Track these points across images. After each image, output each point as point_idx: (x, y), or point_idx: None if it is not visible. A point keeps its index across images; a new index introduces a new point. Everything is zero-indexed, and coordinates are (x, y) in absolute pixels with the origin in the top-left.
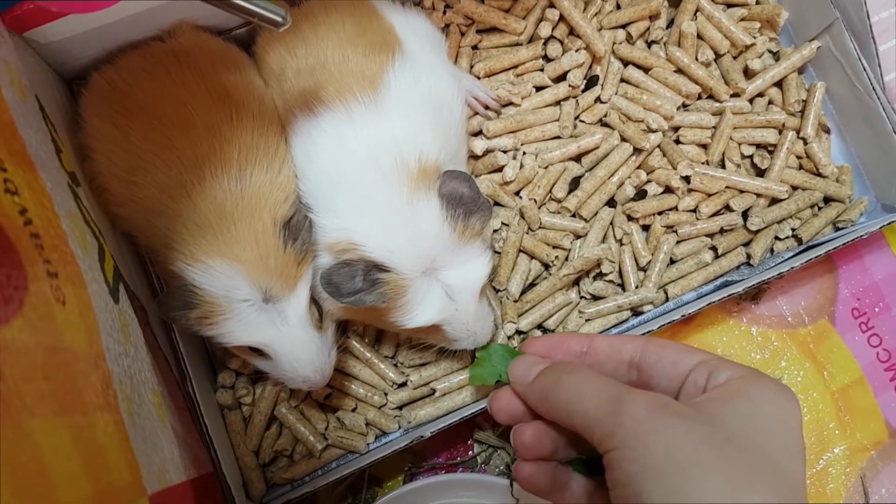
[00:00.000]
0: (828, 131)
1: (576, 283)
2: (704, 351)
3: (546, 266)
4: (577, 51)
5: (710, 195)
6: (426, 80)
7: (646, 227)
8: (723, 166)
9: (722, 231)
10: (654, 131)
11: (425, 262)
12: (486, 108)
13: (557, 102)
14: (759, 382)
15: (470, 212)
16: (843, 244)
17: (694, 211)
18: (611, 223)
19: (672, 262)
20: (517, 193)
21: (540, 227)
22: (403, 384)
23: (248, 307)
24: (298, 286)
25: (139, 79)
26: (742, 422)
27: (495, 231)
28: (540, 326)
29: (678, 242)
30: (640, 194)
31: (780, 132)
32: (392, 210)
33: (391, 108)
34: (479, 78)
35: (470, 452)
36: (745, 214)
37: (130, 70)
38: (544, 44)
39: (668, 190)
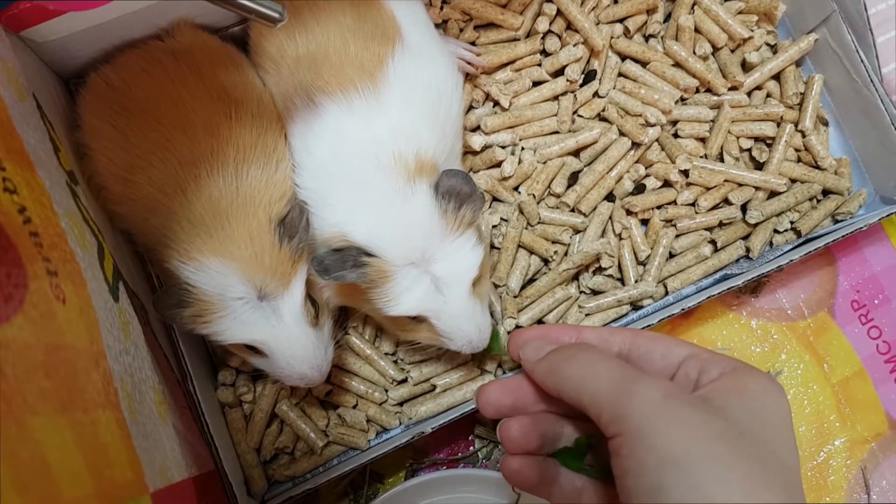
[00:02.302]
0: (826, 124)
1: (575, 277)
2: (693, 344)
3: (545, 261)
4: (574, 45)
5: (708, 189)
6: (427, 72)
7: (645, 222)
8: (721, 160)
9: (721, 224)
10: (653, 125)
11: (415, 254)
12: (476, 68)
13: (555, 97)
14: (755, 377)
15: (461, 203)
16: (842, 236)
17: (693, 205)
18: (610, 218)
19: (671, 255)
20: (516, 189)
21: (539, 223)
22: (404, 380)
23: (243, 305)
24: (293, 283)
25: (137, 78)
26: (749, 417)
27: (494, 227)
28: (540, 322)
29: (677, 236)
30: (639, 188)
31: (779, 125)
32: (384, 199)
33: (391, 101)
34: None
35: (471, 448)
36: (743, 208)
37: (128, 69)
38: (542, 38)
39: (667, 184)
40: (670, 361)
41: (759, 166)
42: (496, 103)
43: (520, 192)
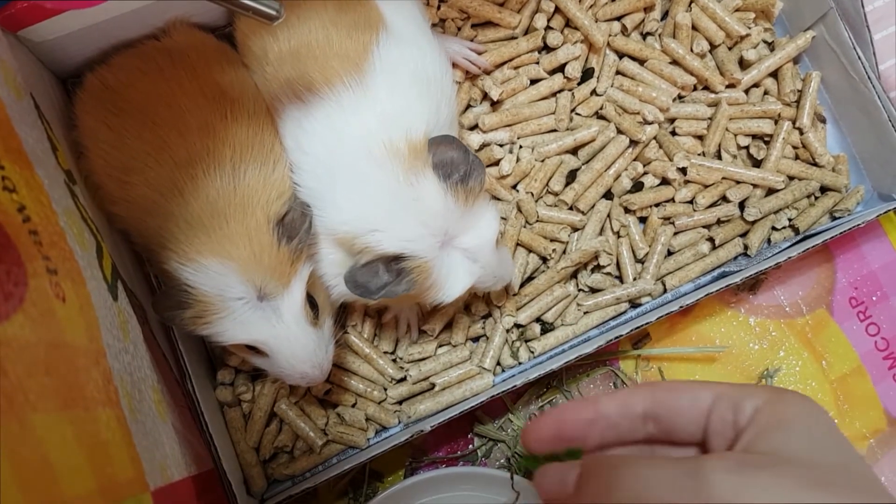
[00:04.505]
0: (823, 121)
1: (574, 275)
2: (715, 382)
3: (544, 259)
4: (573, 43)
5: (706, 186)
6: (413, 57)
7: (643, 219)
8: (719, 157)
9: (719, 222)
10: (651, 123)
11: (439, 238)
12: (479, 68)
13: (553, 94)
14: (791, 400)
15: (466, 175)
16: (840, 233)
17: (691, 202)
18: (608, 215)
19: (669, 253)
20: (514, 187)
21: (537, 221)
22: (403, 379)
23: (243, 305)
24: (293, 283)
25: (132, 78)
26: (807, 446)
27: None
28: (538, 320)
29: (675, 234)
30: (637, 186)
31: (776, 122)
32: (393, 197)
33: (379, 90)
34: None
35: (470, 446)
36: (741, 205)
37: (124, 70)
38: (544, 34)
39: (665, 181)
40: (700, 407)
41: (757, 163)
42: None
43: (518, 191)
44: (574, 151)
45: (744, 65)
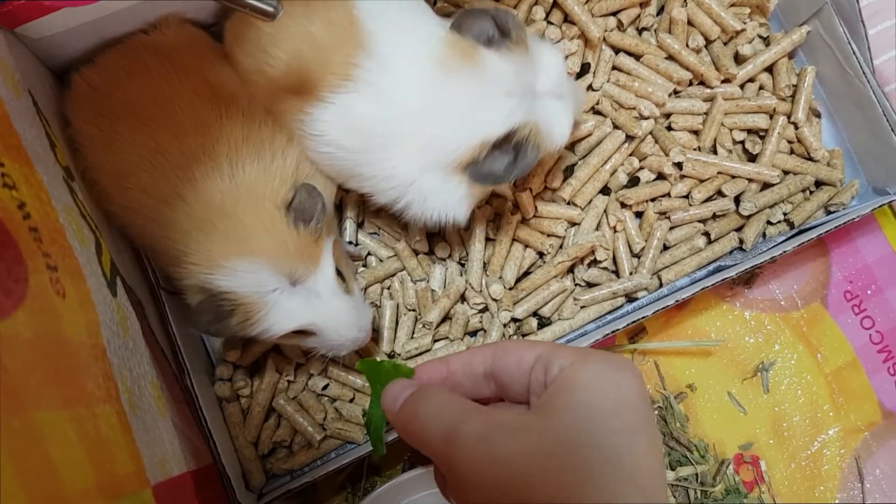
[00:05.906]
0: (818, 115)
1: (570, 270)
2: (546, 343)
3: (540, 254)
4: (570, 39)
5: (702, 181)
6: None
7: (639, 214)
8: (714, 152)
9: (714, 216)
10: (646, 118)
11: (527, 96)
12: None
13: None
14: (588, 364)
15: (503, 26)
16: (835, 227)
17: (686, 197)
18: (604, 210)
19: (665, 248)
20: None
21: (534, 216)
22: None
23: (279, 295)
24: (322, 261)
25: (118, 78)
26: (576, 414)
27: (490, 221)
28: (535, 314)
29: (671, 228)
30: (633, 181)
31: (772, 117)
32: (469, 93)
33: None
34: None
35: None
36: (737, 199)
37: (109, 70)
38: (544, 31)
39: (661, 176)
40: (524, 368)
41: (752, 158)
42: None
43: (515, 186)
44: (571, 147)
45: (739, 60)
